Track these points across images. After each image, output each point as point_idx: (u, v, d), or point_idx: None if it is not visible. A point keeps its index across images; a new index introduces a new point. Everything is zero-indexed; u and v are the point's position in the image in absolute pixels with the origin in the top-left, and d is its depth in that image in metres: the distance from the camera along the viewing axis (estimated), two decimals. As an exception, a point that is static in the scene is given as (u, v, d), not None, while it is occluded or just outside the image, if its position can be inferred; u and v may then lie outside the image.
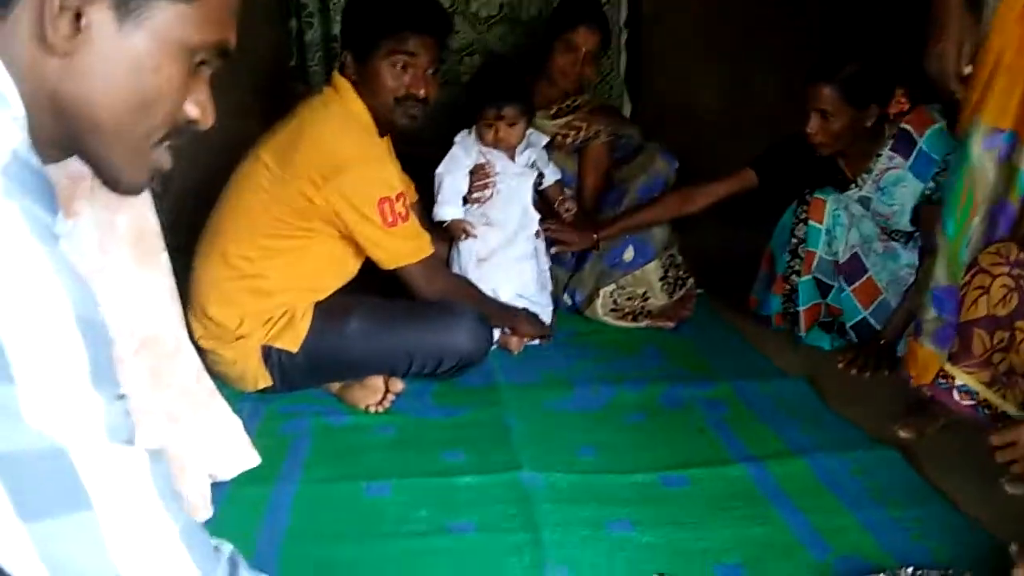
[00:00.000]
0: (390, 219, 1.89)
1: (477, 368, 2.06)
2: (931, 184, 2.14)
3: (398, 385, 1.93)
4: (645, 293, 2.52)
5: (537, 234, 2.38)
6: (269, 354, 1.91)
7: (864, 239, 2.26)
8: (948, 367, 1.68)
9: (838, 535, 1.44)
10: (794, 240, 2.31)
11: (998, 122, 1.64)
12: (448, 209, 2.30)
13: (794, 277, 2.31)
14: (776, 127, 2.42)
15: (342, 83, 1.95)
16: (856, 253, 2.26)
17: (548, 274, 2.45)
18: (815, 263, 2.27)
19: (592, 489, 1.58)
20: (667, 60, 3.14)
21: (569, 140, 2.65)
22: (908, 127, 2.16)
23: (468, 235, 2.29)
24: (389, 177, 1.93)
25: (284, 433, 1.80)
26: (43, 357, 0.61)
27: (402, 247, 1.95)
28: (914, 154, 2.15)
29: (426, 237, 2.01)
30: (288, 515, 1.48)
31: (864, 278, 2.25)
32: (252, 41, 1.75)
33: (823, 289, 2.30)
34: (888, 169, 2.19)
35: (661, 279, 2.52)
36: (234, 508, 1.49)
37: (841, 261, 2.26)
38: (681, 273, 2.57)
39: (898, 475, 1.63)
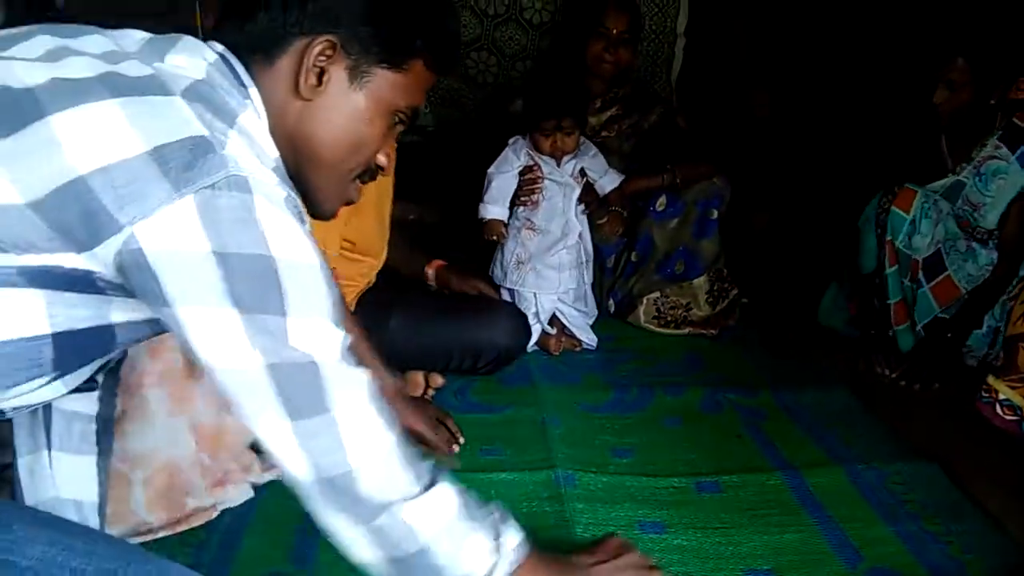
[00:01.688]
0: None
1: (516, 367, 2.08)
2: None
3: (438, 380, 1.96)
4: (688, 304, 2.52)
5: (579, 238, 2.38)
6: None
7: (949, 235, 2.22)
8: (992, 381, 1.66)
9: (872, 546, 1.42)
10: (879, 231, 2.24)
11: None
12: (493, 208, 2.31)
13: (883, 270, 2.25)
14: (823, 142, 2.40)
15: None
16: (939, 249, 2.21)
17: (591, 291, 2.44)
18: (896, 254, 2.21)
19: (626, 490, 1.59)
20: (716, 70, 3.13)
21: (615, 132, 2.63)
22: (1019, 122, 2.15)
23: (501, 238, 2.30)
24: None
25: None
26: (304, 297, 0.81)
27: None
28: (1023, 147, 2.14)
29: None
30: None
31: (943, 276, 2.21)
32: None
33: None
34: (991, 158, 2.18)
35: (707, 292, 2.52)
36: (277, 492, 1.53)
37: (924, 256, 2.20)
38: (726, 285, 2.56)
39: (938, 489, 1.61)
